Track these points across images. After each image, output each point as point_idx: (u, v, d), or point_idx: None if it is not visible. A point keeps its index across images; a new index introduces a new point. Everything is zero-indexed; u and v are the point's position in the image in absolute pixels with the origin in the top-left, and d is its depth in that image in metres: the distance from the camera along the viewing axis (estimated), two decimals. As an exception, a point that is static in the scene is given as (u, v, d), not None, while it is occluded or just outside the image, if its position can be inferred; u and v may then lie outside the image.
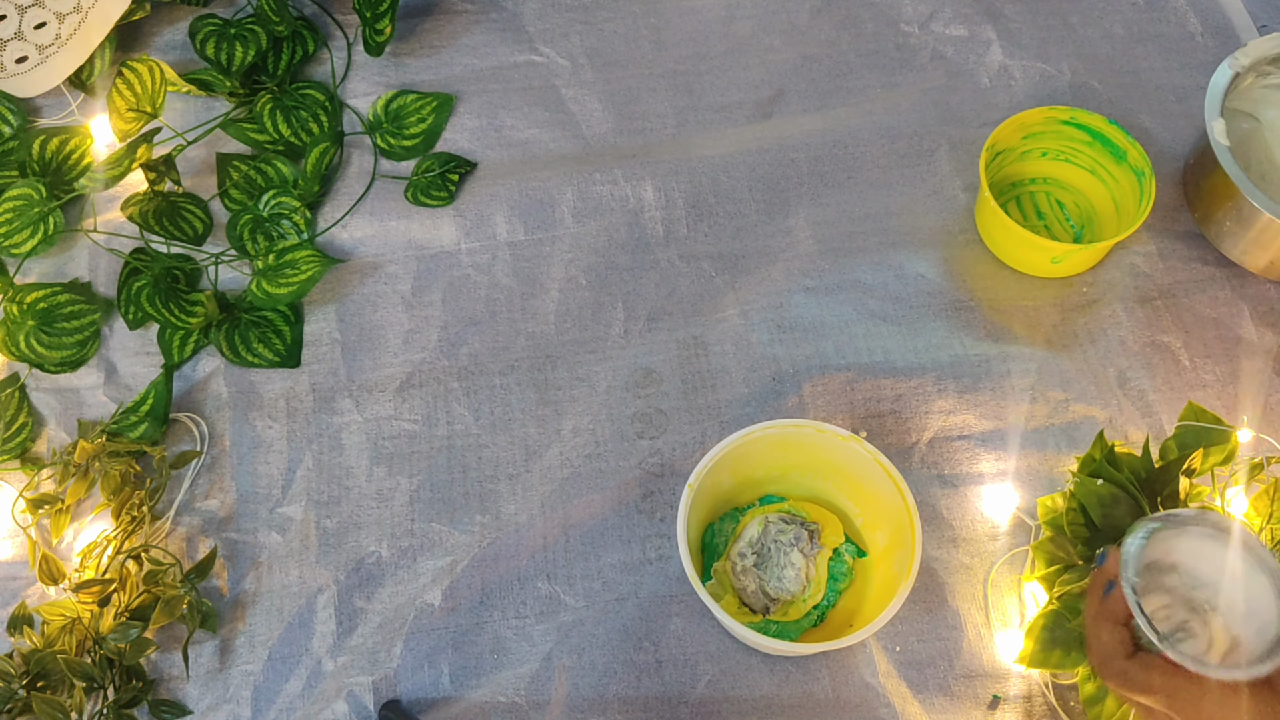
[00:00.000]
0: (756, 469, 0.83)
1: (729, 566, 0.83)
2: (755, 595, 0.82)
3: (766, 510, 0.85)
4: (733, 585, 0.82)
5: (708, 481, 0.79)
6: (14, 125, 1.03)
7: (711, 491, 0.81)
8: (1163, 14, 1.07)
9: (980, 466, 0.88)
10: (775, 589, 0.81)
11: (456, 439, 0.91)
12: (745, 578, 0.82)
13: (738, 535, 0.84)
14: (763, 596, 0.82)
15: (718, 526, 0.85)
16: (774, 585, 0.81)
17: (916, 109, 1.03)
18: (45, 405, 0.93)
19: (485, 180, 1.01)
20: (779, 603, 0.82)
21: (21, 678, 0.79)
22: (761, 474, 0.84)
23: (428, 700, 0.82)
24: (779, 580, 0.81)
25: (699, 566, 0.83)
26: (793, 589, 0.81)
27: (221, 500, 0.89)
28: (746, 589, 0.82)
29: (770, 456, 0.82)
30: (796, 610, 0.82)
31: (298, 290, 0.94)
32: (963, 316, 0.94)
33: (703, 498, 0.80)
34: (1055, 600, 0.76)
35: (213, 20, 1.06)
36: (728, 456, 0.79)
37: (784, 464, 0.83)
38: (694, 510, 0.79)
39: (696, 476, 0.77)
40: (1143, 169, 0.90)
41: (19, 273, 0.97)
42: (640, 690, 0.82)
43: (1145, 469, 0.77)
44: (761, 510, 0.85)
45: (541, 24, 1.09)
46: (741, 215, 0.99)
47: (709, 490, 0.80)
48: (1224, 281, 0.94)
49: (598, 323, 0.95)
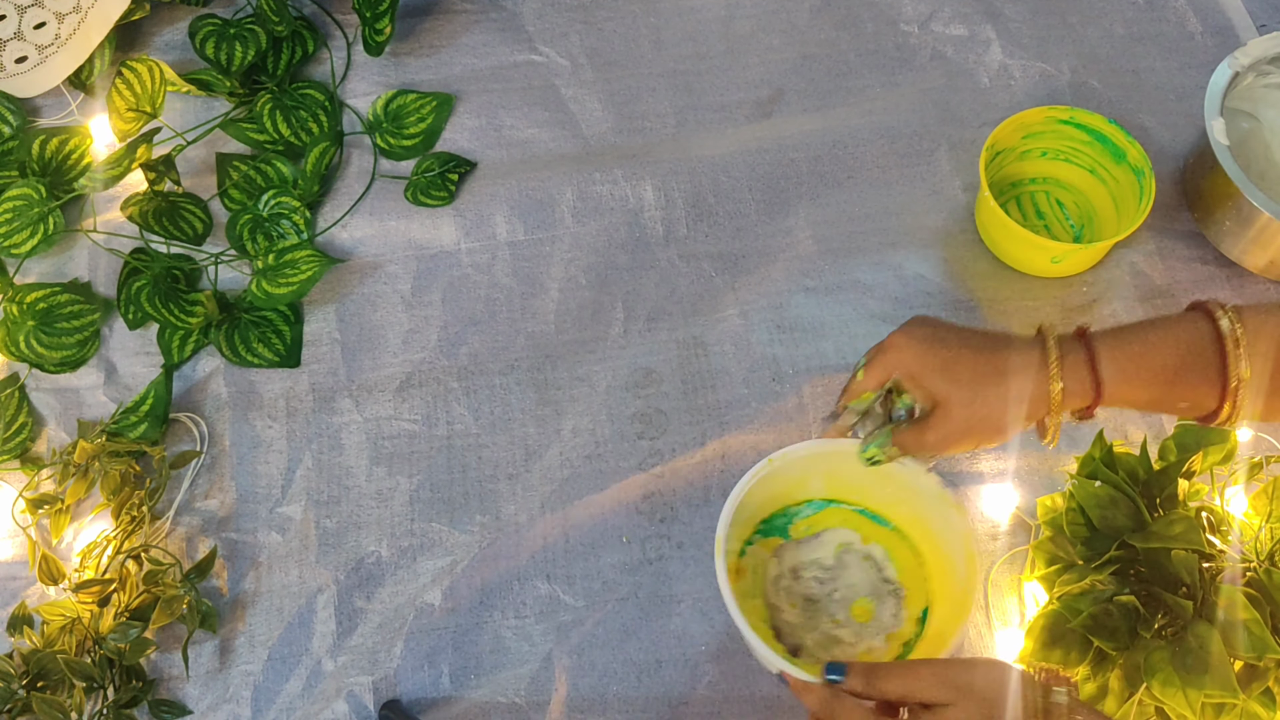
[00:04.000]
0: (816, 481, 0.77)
1: (765, 575, 0.75)
2: (790, 627, 0.74)
3: (834, 523, 0.77)
4: (765, 597, 0.75)
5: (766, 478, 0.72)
6: (14, 125, 1.02)
7: (765, 483, 0.73)
8: (1163, 14, 1.07)
9: (980, 466, 0.88)
10: (820, 635, 0.73)
11: (456, 439, 0.91)
12: (788, 601, 0.74)
13: (795, 540, 0.76)
14: (800, 633, 0.74)
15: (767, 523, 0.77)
16: (823, 629, 0.73)
17: (916, 109, 1.03)
18: (45, 405, 0.93)
19: (485, 180, 1.01)
20: (811, 651, 0.73)
21: (21, 678, 0.79)
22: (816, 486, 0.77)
23: (428, 700, 0.82)
24: (830, 627, 0.73)
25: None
26: (844, 638, 0.73)
27: (221, 500, 0.89)
28: (781, 610, 0.74)
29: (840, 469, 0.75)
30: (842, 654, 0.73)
31: (298, 290, 0.94)
32: (963, 316, 0.94)
33: (756, 488, 0.72)
34: (1055, 600, 0.76)
35: (212, 20, 1.06)
36: (773, 475, 0.72)
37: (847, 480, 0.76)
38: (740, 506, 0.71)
39: (776, 459, 0.70)
40: (1142, 168, 0.90)
41: (19, 273, 0.97)
42: (640, 690, 0.82)
43: (1144, 469, 0.77)
44: (830, 520, 0.77)
45: (541, 24, 1.09)
46: (741, 215, 0.99)
47: (763, 482, 0.73)
48: (1224, 281, 0.94)
49: (597, 323, 0.95)
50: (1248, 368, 0.60)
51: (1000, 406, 0.64)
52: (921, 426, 0.67)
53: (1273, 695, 0.70)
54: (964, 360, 0.65)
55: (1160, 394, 0.63)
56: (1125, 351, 0.63)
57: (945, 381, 0.66)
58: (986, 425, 0.65)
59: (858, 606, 0.75)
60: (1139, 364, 0.63)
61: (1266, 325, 0.61)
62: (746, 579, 0.76)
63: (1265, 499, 0.77)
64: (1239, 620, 0.69)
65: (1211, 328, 0.62)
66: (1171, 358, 0.62)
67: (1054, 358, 0.63)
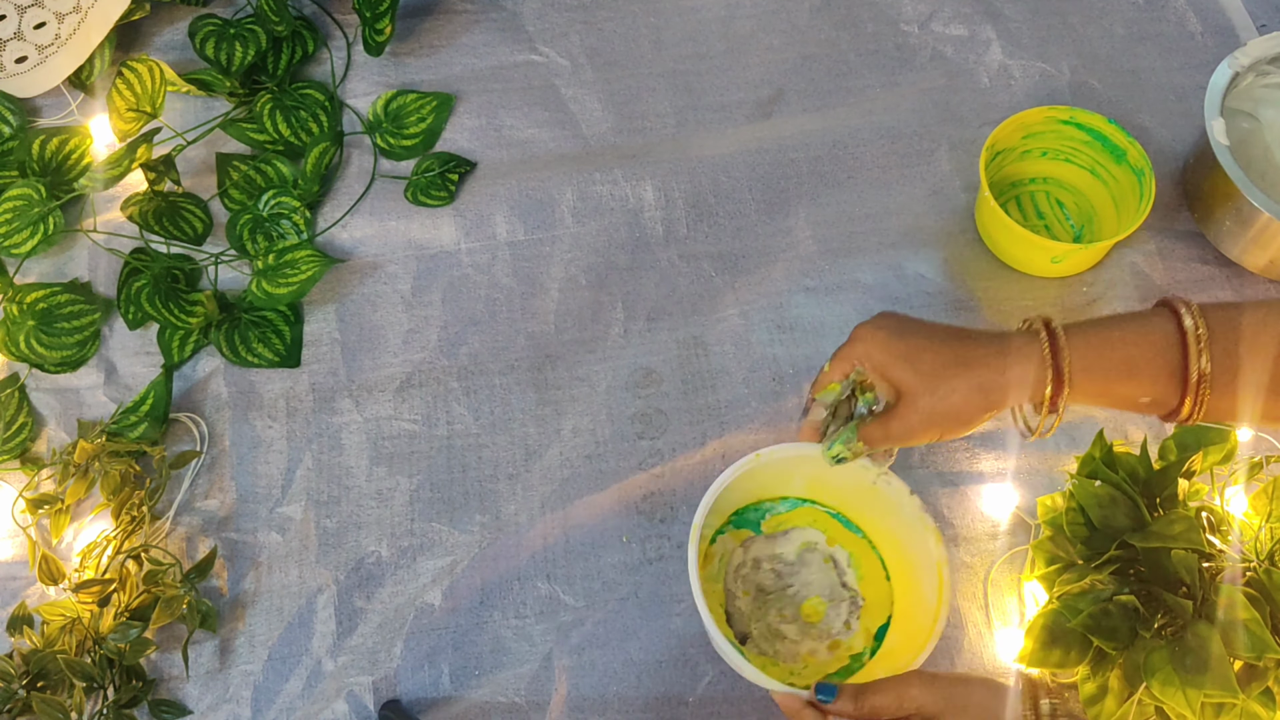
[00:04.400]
0: (786, 482, 0.80)
1: (729, 563, 0.79)
2: (741, 615, 0.78)
3: (805, 523, 0.80)
4: (725, 582, 0.79)
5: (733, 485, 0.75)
6: (14, 125, 1.03)
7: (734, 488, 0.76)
8: (1163, 14, 1.07)
9: (980, 466, 0.88)
10: (765, 627, 0.76)
11: (456, 439, 0.91)
12: (742, 588, 0.77)
13: (765, 535, 0.80)
14: (748, 622, 0.77)
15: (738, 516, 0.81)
16: (768, 621, 0.76)
17: (916, 109, 1.03)
18: (45, 405, 0.93)
19: (485, 180, 1.01)
20: (756, 642, 0.76)
21: (21, 678, 0.79)
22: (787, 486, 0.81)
23: (428, 700, 0.82)
24: (776, 620, 0.77)
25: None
26: (788, 634, 0.77)
27: (221, 500, 0.89)
28: (736, 597, 0.78)
29: (799, 472, 0.78)
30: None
31: (297, 290, 0.94)
32: (963, 316, 0.94)
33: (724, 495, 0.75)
34: (1055, 599, 0.76)
35: (212, 20, 1.06)
36: (758, 470, 0.75)
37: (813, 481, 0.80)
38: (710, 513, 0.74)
39: (707, 502, 0.73)
40: (1142, 168, 0.90)
41: (19, 273, 0.97)
42: (640, 690, 0.82)
43: (1144, 469, 0.77)
44: (801, 519, 0.80)
45: (541, 24, 1.09)
46: (741, 215, 0.99)
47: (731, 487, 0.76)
48: (1224, 281, 0.94)
49: (597, 322, 0.95)
50: (1209, 362, 0.60)
51: (963, 396, 0.65)
52: (885, 418, 0.68)
53: (1272, 695, 0.70)
54: (927, 350, 0.66)
55: (1121, 387, 0.63)
56: (1087, 342, 0.63)
57: (908, 372, 0.66)
58: (949, 415, 0.65)
59: (809, 605, 0.78)
60: (1100, 354, 0.63)
61: (1234, 322, 0.61)
62: (713, 565, 0.79)
63: (1265, 499, 0.77)
64: (1239, 620, 0.69)
65: (1175, 324, 0.62)
66: (1133, 350, 0.63)
67: (1014, 346, 0.64)
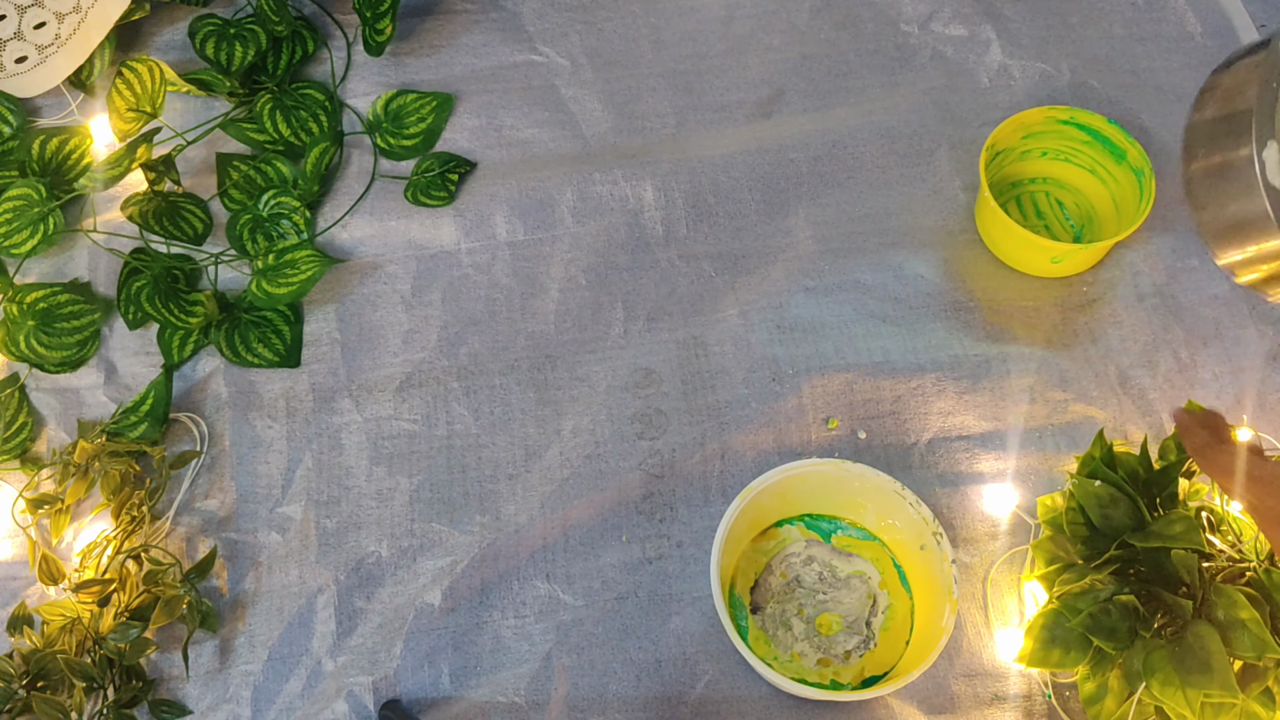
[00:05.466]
0: (800, 498, 0.84)
1: (785, 545, 0.83)
2: (767, 589, 0.83)
3: (870, 556, 0.84)
4: (771, 560, 0.84)
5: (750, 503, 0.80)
6: (14, 125, 1.03)
7: (751, 507, 0.81)
8: (1162, 14, 1.07)
9: (980, 466, 0.88)
10: (778, 609, 0.82)
11: (456, 439, 0.91)
12: (784, 571, 0.82)
13: (831, 546, 0.84)
14: (768, 599, 0.83)
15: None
16: (784, 607, 0.82)
17: (916, 109, 1.03)
18: (45, 405, 0.93)
19: (485, 180, 1.01)
20: (764, 617, 0.82)
21: (21, 678, 0.79)
22: (805, 501, 0.85)
23: (428, 700, 0.82)
24: (791, 612, 0.82)
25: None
26: (793, 627, 0.82)
27: (221, 500, 0.89)
28: (773, 573, 0.83)
29: (813, 487, 0.83)
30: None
31: (297, 290, 0.94)
32: (962, 317, 0.94)
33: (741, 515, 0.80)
34: (1055, 599, 0.76)
35: (212, 20, 1.06)
36: (776, 486, 0.80)
37: (825, 496, 0.84)
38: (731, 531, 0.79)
39: (742, 499, 0.78)
40: (1142, 168, 0.90)
41: (19, 273, 0.97)
42: (640, 690, 0.82)
43: (1144, 469, 0.77)
44: (867, 552, 0.84)
45: (541, 24, 1.09)
46: (741, 215, 0.99)
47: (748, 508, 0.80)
48: (1224, 280, 0.94)
49: (597, 323, 0.95)
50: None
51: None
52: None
53: (1272, 695, 0.70)
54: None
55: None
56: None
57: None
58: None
59: (828, 618, 0.82)
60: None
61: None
62: (772, 541, 0.84)
63: (1265, 499, 0.77)
64: (1239, 620, 0.69)
65: None
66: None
67: None
